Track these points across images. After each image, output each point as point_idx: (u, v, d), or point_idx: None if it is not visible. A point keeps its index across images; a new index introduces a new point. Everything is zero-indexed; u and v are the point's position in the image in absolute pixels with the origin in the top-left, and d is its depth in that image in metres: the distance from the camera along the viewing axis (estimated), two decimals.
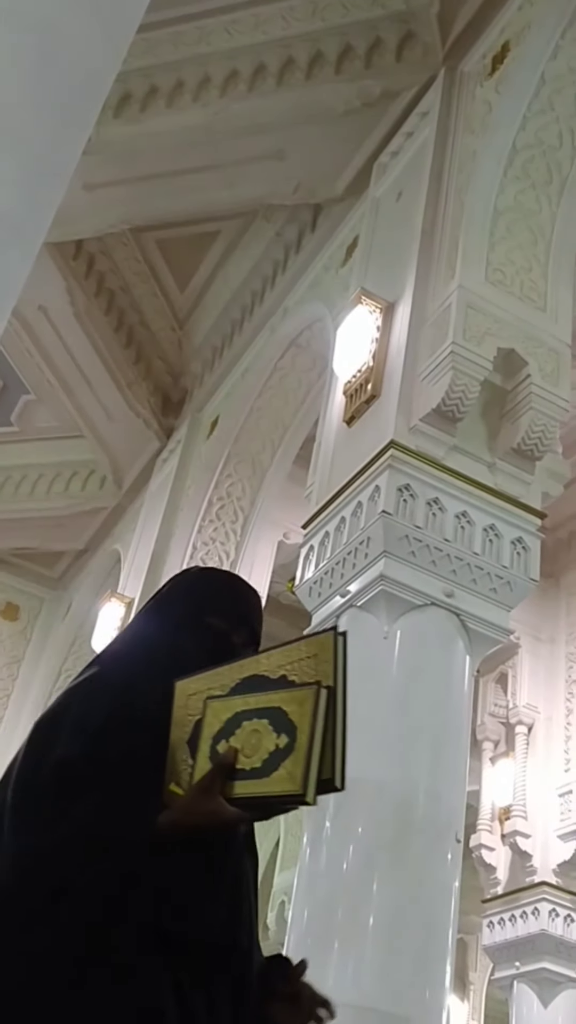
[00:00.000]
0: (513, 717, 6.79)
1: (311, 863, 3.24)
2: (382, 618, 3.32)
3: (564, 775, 6.50)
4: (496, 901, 6.46)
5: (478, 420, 3.59)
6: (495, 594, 3.43)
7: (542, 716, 6.76)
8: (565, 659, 6.87)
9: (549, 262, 3.90)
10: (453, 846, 3.17)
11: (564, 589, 7.09)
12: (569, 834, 6.29)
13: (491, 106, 4.11)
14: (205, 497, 5.90)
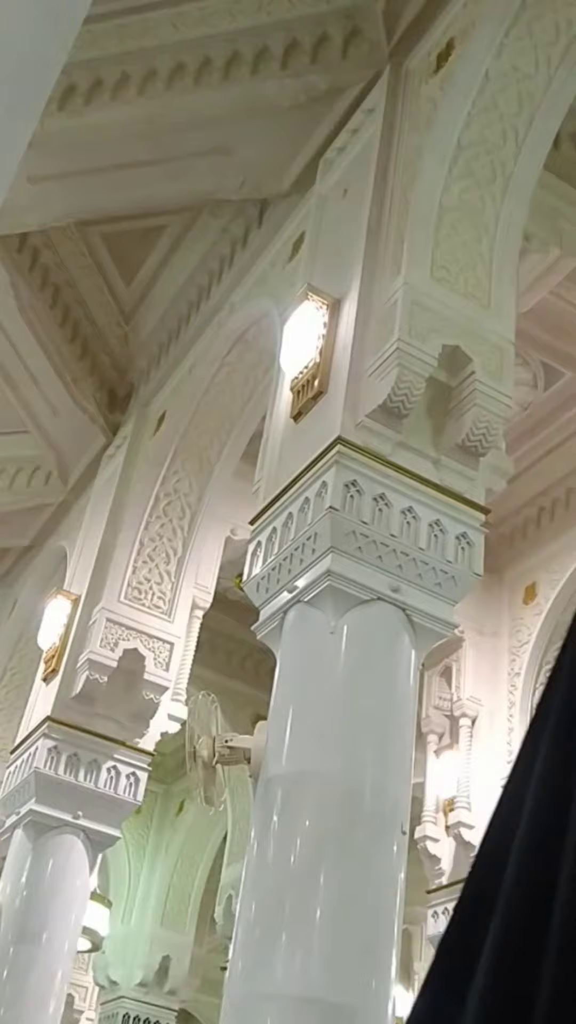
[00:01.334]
0: (457, 710, 6.88)
1: (258, 856, 3.25)
2: (329, 613, 3.34)
3: (507, 766, 6.60)
4: (440, 891, 6.55)
5: (423, 417, 3.63)
6: (440, 589, 3.47)
7: (485, 709, 6.86)
8: (508, 652, 6.98)
9: (493, 260, 3.94)
10: (399, 838, 3.21)
11: (507, 584, 7.20)
12: None
13: (436, 104, 4.15)
14: (152, 493, 5.87)
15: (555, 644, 6.84)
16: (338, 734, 3.22)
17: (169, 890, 10.11)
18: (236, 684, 8.18)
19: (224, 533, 6.22)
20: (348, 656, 3.32)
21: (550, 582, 6.90)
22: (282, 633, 3.54)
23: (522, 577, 7.13)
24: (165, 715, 5.76)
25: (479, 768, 6.68)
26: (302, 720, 3.33)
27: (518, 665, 6.88)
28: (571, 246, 4.86)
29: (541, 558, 7.04)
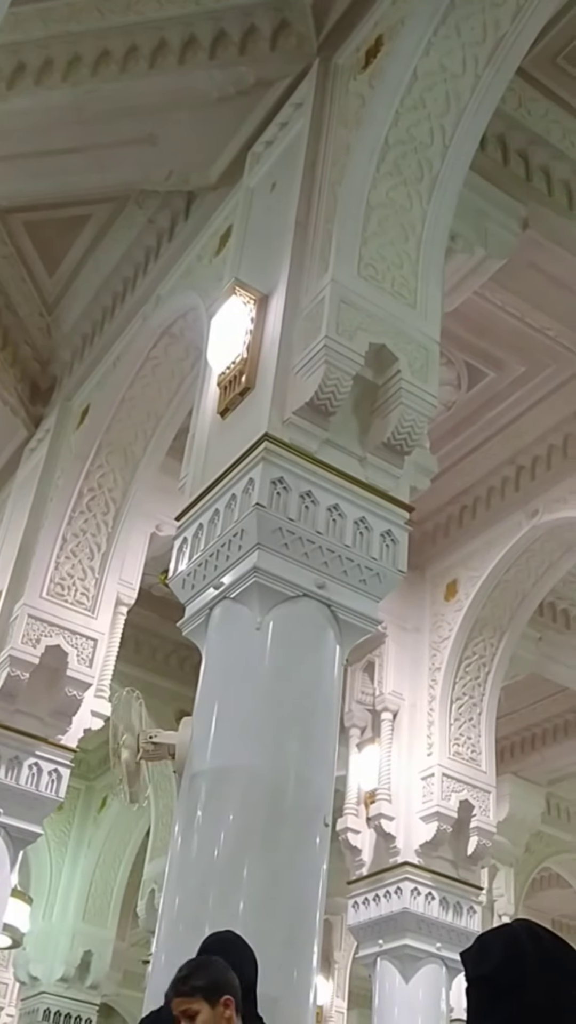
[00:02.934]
0: (379, 704, 6.96)
1: (182, 851, 3.25)
2: (255, 609, 3.34)
3: (427, 759, 6.70)
4: (361, 882, 6.63)
5: (350, 414, 3.64)
6: (365, 585, 3.49)
7: (406, 703, 6.95)
8: (429, 647, 7.07)
9: (419, 259, 3.96)
10: (321, 830, 3.23)
11: (429, 580, 7.30)
12: (430, 816, 6.49)
13: (364, 100, 4.15)
14: (75, 488, 5.78)
15: (475, 640, 6.96)
16: (263, 729, 3.22)
17: (91, 885, 10.10)
18: (160, 680, 8.14)
19: (149, 529, 6.17)
20: (273, 652, 3.32)
21: (470, 579, 7.00)
22: (208, 629, 3.53)
23: (443, 574, 7.23)
24: (88, 712, 5.70)
25: (399, 761, 6.77)
26: (227, 716, 3.32)
27: (438, 660, 6.97)
28: (496, 248, 4.92)
29: (462, 555, 7.14)
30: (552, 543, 6.83)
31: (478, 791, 6.64)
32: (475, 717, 6.85)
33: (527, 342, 6.21)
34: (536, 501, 6.70)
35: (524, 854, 9.37)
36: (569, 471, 6.56)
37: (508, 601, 6.98)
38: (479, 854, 6.62)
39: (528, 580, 6.97)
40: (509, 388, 6.55)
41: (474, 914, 6.54)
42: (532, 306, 5.82)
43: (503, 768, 7.88)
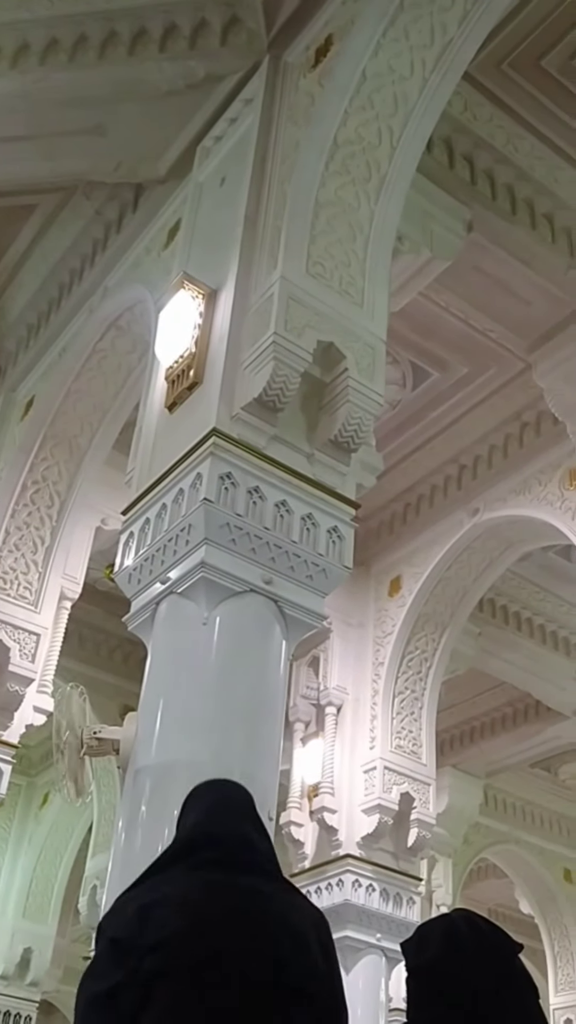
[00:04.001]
0: (324, 699, 7.03)
1: (126, 847, 3.24)
2: (202, 604, 3.35)
3: (369, 752, 6.78)
4: (303, 875, 6.68)
5: (298, 411, 3.66)
6: (311, 581, 3.52)
7: (350, 697, 7.02)
8: (373, 643, 7.15)
9: (367, 259, 4.00)
10: (266, 825, 3.24)
11: (373, 576, 7.38)
12: (372, 808, 6.57)
13: (314, 98, 4.17)
14: (19, 480, 5.72)
15: (417, 635, 7.06)
16: (209, 724, 3.23)
17: (32, 882, 10.02)
18: (104, 675, 8.10)
19: (94, 523, 6.13)
20: (220, 647, 3.34)
21: (414, 575, 7.10)
22: (154, 624, 3.53)
23: (388, 570, 7.32)
24: (30, 707, 5.65)
25: (342, 754, 6.84)
26: (173, 711, 3.33)
27: (382, 655, 7.06)
28: (441, 249, 4.99)
29: (406, 552, 7.24)
30: (492, 541, 6.95)
31: (418, 784, 6.74)
32: (416, 711, 6.95)
33: (471, 343, 6.31)
34: (477, 500, 6.82)
35: (462, 845, 9.53)
36: (509, 471, 6.68)
37: (450, 597, 7.10)
38: (419, 846, 6.72)
39: (469, 577, 7.08)
40: (452, 388, 6.65)
41: (413, 905, 6.63)
42: (476, 308, 5.92)
43: (443, 761, 8.00)
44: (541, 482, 6.43)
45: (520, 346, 6.01)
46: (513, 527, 6.77)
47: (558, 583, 8.05)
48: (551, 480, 6.36)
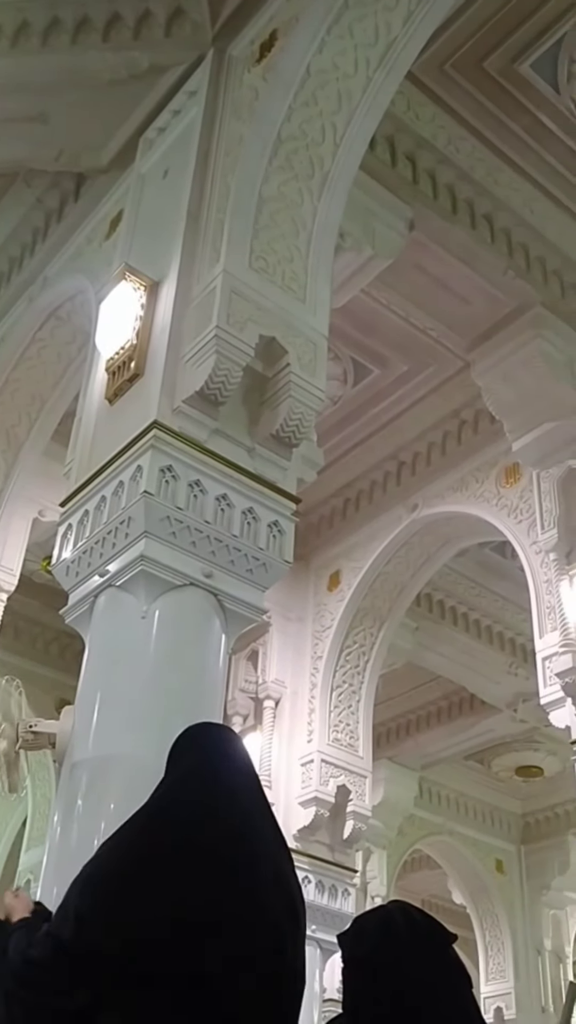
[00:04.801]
0: (262, 692, 7.05)
1: (62, 841, 3.22)
2: (141, 598, 3.33)
3: (307, 745, 6.83)
4: None
5: (239, 405, 3.67)
6: (251, 575, 3.53)
7: (289, 691, 7.06)
8: (311, 637, 7.20)
9: (309, 254, 4.01)
10: None
11: (313, 571, 7.43)
12: (308, 801, 6.62)
13: (258, 93, 4.17)
14: None
15: (355, 629, 7.12)
16: (146, 718, 3.22)
17: None
18: (41, 669, 8.01)
19: (31, 514, 6.05)
20: (159, 641, 3.33)
21: (353, 570, 7.16)
22: (92, 617, 3.50)
23: (327, 565, 7.37)
24: None
25: (280, 748, 6.87)
26: (110, 704, 3.31)
27: (320, 649, 7.11)
28: (383, 247, 5.04)
29: (345, 547, 7.30)
30: (430, 537, 7.03)
31: (355, 776, 6.80)
32: (354, 704, 7.01)
33: (411, 341, 6.37)
34: (416, 496, 6.89)
35: (397, 837, 9.64)
36: (447, 468, 6.77)
37: (388, 592, 7.17)
38: (354, 838, 6.79)
39: (407, 572, 7.16)
40: (393, 385, 6.71)
41: (348, 896, 6.70)
42: (416, 306, 5.98)
43: (379, 753, 8.08)
44: (478, 479, 6.53)
45: (459, 344, 6.09)
46: (450, 523, 6.86)
47: (493, 579, 8.18)
48: (488, 477, 6.46)
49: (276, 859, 1.64)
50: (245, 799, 1.63)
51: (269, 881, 1.61)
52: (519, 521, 6.08)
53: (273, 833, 1.63)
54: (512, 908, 10.68)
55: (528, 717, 8.86)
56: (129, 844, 1.52)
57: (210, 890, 1.47)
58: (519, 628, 8.14)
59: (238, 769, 1.71)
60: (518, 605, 7.66)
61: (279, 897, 1.63)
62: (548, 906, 10.77)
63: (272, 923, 1.58)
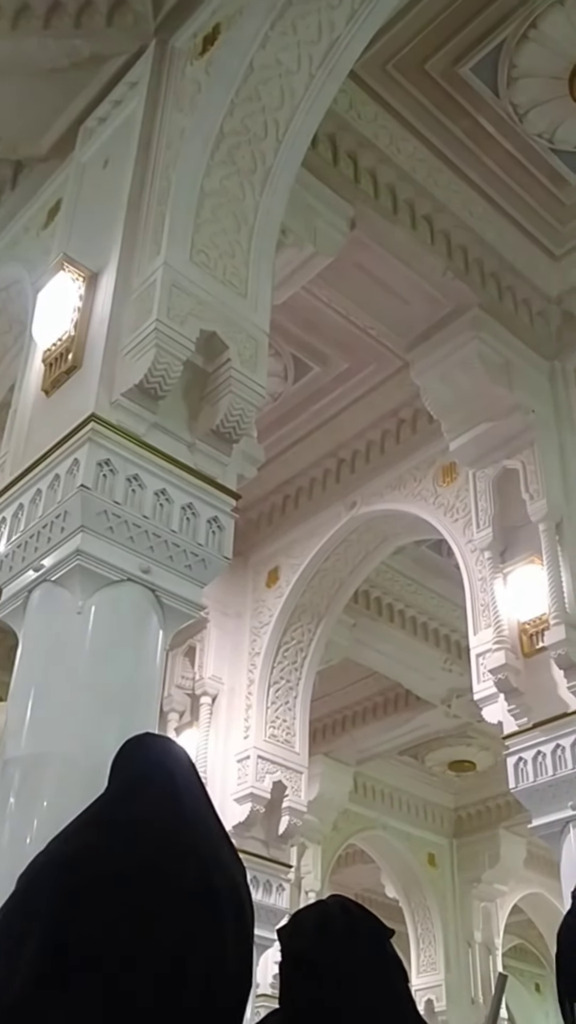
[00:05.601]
0: (199, 688, 7.03)
1: None
2: (76, 593, 3.30)
3: (243, 742, 6.82)
4: None
5: (179, 399, 3.64)
6: (190, 571, 3.51)
7: (226, 687, 7.05)
8: (249, 633, 7.20)
9: (251, 250, 4.01)
10: None
11: (251, 567, 7.43)
12: (244, 797, 6.62)
13: (200, 86, 4.15)
14: None
15: (293, 625, 7.14)
16: (81, 715, 3.19)
17: None
18: None
19: None
20: (95, 637, 3.29)
21: (291, 567, 7.17)
22: (26, 613, 3.45)
23: (266, 561, 7.37)
24: None
25: (217, 744, 6.86)
26: (44, 701, 3.27)
27: (258, 645, 7.11)
28: (324, 245, 5.05)
29: (284, 544, 7.31)
30: (369, 534, 7.08)
31: (291, 772, 6.82)
32: (291, 700, 7.03)
33: (351, 340, 6.41)
34: (355, 494, 6.93)
35: (331, 832, 9.70)
36: (386, 466, 6.82)
37: (326, 589, 7.20)
38: (290, 833, 6.81)
39: (345, 569, 7.20)
40: (333, 383, 6.74)
41: (283, 892, 6.72)
42: (356, 305, 6.01)
43: (315, 749, 8.12)
44: (416, 478, 6.58)
45: (399, 344, 6.14)
46: (388, 521, 6.91)
47: (430, 576, 8.27)
48: (425, 476, 6.52)
49: (231, 870, 1.55)
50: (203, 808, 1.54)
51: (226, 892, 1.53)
52: (455, 520, 6.15)
53: (229, 847, 1.55)
54: (443, 901, 10.82)
55: (461, 713, 8.98)
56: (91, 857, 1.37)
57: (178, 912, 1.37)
58: (454, 625, 8.24)
59: (188, 776, 1.61)
60: (453, 602, 7.75)
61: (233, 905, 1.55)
62: (479, 899, 10.93)
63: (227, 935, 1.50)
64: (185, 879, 1.29)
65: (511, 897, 11.31)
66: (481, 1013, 9.92)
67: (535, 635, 5.32)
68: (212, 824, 1.40)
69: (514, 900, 11.41)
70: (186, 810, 1.37)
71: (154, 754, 1.50)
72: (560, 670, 5.10)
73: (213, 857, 1.37)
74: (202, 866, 1.34)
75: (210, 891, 1.32)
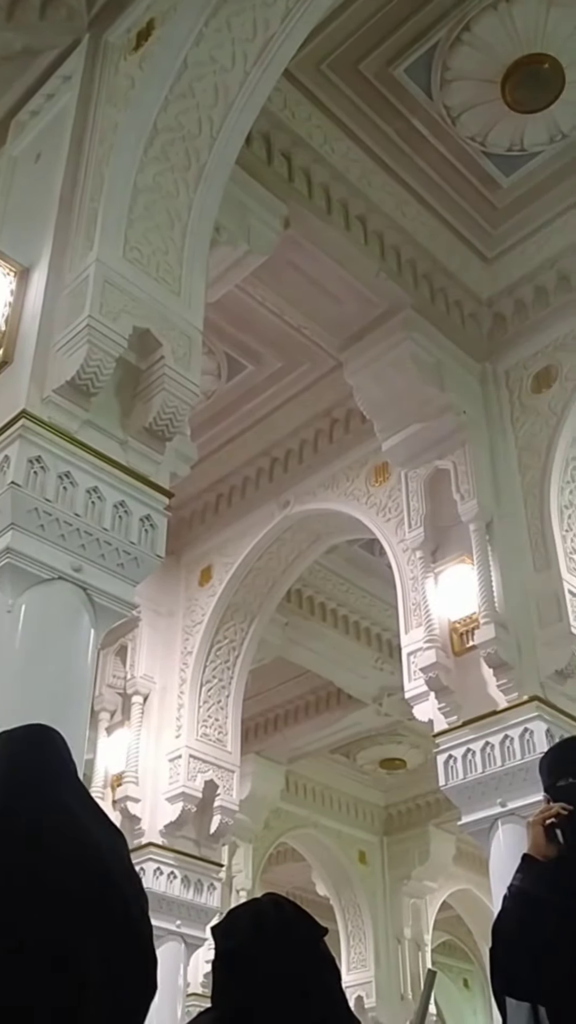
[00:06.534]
0: (131, 688, 6.98)
1: None
2: (7, 591, 3.24)
3: (175, 741, 6.79)
4: None
5: (112, 397, 3.61)
6: (122, 569, 3.48)
7: (157, 686, 7.01)
8: (182, 632, 7.16)
9: (185, 247, 3.99)
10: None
11: (184, 566, 7.40)
12: (176, 796, 6.59)
13: (134, 82, 4.12)
14: None
15: (226, 624, 7.13)
16: (12, 714, 3.12)
17: None
18: None
19: None
20: (25, 635, 3.25)
21: (224, 565, 7.16)
22: None
23: (199, 560, 7.35)
24: None
25: (148, 743, 6.82)
26: None
27: (191, 644, 7.08)
28: (258, 243, 5.05)
29: (217, 542, 7.29)
30: (302, 533, 7.10)
31: (223, 771, 6.81)
32: (223, 700, 7.02)
33: (285, 339, 6.42)
34: (288, 492, 6.95)
35: (263, 830, 9.70)
36: (319, 465, 6.85)
37: (259, 587, 7.20)
38: (221, 832, 6.80)
39: (278, 568, 7.21)
40: (266, 382, 6.74)
41: (214, 891, 6.70)
42: (290, 304, 6.02)
43: (247, 748, 8.12)
44: (349, 477, 6.62)
45: (332, 344, 6.17)
46: (321, 520, 6.94)
47: (362, 575, 8.32)
48: (358, 476, 6.57)
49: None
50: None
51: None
52: (387, 519, 6.21)
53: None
54: (374, 898, 10.91)
55: (392, 711, 9.07)
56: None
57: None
58: (386, 624, 8.32)
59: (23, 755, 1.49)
60: (385, 601, 7.83)
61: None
62: (408, 895, 11.04)
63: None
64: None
65: (440, 894, 11.45)
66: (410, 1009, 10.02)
67: (465, 634, 5.39)
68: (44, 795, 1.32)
69: (443, 896, 11.56)
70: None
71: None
72: (489, 668, 5.18)
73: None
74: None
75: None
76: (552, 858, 2.20)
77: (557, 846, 2.21)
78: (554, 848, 2.21)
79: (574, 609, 5.21)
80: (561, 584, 5.24)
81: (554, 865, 2.20)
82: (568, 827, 2.18)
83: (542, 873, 2.17)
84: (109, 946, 1.22)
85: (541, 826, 2.21)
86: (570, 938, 2.05)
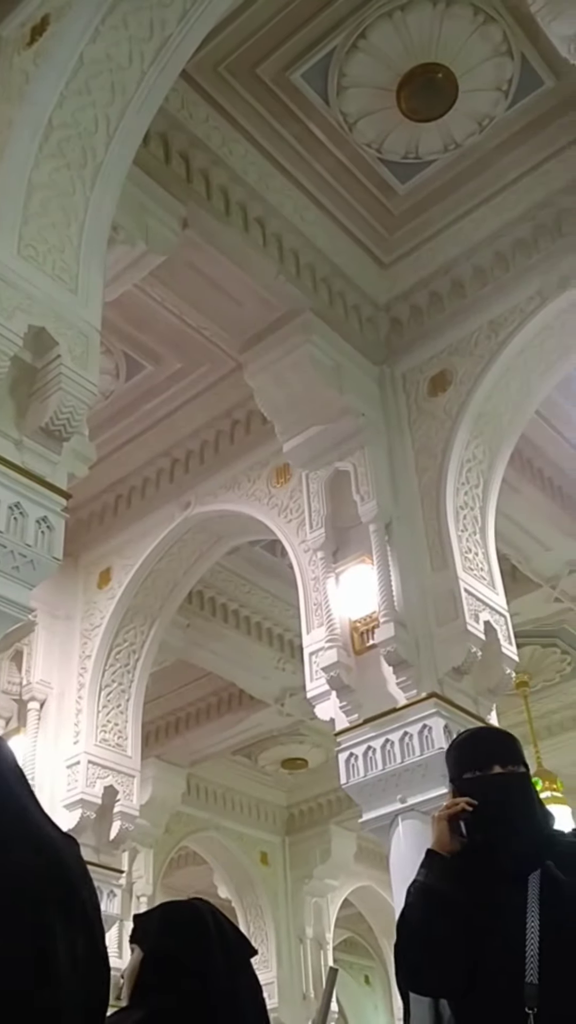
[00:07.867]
0: (27, 694, 6.84)
1: None
2: None
3: (73, 747, 6.69)
4: None
5: (6, 397, 3.54)
6: (18, 572, 3.41)
7: (55, 691, 6.89)
8: (80, 635, 7.06)
9: (81, 245, 3.93)
10: None
11: (82, 568, 7.29)
12: (74, 803, 6.49)
13: (28, 77, 4.04)
14: None
15: (126, 627, 7.05)
16: None
17: None
18: None
19: None
20: None
21: (124, 567, 7.08)
22: None
23: (97, 562, 7.25)
24: None
25: (45, 750, 6.69)
26: None
27: (89, 648, 6.98)
28: (156, 243, 5.02)
29: (116, 544, 7.21)
30: (203, 534, 7.08)
31: (123, 776, 6.73)
32: (123, 704, 6.94)
33: (184, 339, 6.39)
34: (189, 493, 6.92)
35: (164, 835, 9.63)
36: (220, 466, 6.84)
37: (160, 589, 7.15)
38: (121, 838, 6.72)
39: (179, 569, 7.17)
40: (166, 382, 6.70)
41: (114, 898, 6.62)
42: (190, 305, 6.00)
43: (147, 752, 8.05)
44: (250, 479, 6.63)
45: (232, 345, 6.17)
46: (222, 521, 6.94)
47: (264, 576, 8.35)
48: (260, 477, 6.58)
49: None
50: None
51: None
52: (289, 520, 6.24)
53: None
54: (276, 899, 10.95)
55: (294, 711, 9.12)
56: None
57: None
58: (287, 624, 8.36)
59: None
60: (287, 602, 7.87)
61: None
62: (310, 894, 11.12)
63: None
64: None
65: (341, 892, 11.56)
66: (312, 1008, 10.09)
67: (366, 633, 5.46)
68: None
69: (344, 894, 11.68)
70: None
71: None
72: (389, 666, 5.25)
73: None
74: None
75: None
76: (455, 853, 2.23)
77: (460, 841, 2.24)
78: (457, 843, 2.24)
79: (470, 607, 5.33)
80: (458, 583, 5.35)
81: (457, 860, 2.23)
82: (472, 822, 2.22)
83: (446, 868, 2.20)
84: (74, 948, 1.22)
85: (446, 821, 2.24)
86: (472, 932, 2.09)
